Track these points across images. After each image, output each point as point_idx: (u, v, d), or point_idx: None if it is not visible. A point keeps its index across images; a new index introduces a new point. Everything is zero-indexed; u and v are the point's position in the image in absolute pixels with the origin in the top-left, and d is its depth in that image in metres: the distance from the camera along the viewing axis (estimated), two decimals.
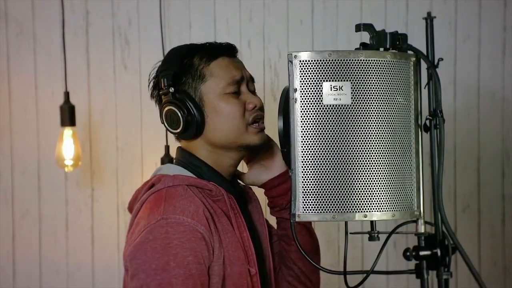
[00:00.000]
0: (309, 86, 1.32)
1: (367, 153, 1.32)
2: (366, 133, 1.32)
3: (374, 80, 1.32)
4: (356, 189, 1.31)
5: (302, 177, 1.33)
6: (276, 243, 1.74)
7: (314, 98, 1.32)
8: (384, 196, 1.32)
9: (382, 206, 1.32)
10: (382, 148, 1.33)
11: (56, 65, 2.69)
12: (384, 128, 1.33)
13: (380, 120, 1.32)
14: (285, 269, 1.73)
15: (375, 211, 1.32)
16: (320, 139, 1.32)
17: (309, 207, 1.32)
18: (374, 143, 1.32)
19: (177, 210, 1.46)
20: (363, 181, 1.31)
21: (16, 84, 2.73)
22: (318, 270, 1.75)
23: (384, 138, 1.33)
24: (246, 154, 1.63)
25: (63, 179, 2.73)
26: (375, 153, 1.32)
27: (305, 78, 1.32)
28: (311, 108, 1.32)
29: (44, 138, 2.71)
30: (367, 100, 1.32)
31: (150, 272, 1.41)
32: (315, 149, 1.32)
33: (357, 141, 1.32)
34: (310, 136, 1.32)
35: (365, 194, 1.31)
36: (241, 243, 1.53)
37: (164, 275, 1.40)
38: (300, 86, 1.32)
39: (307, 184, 1.32)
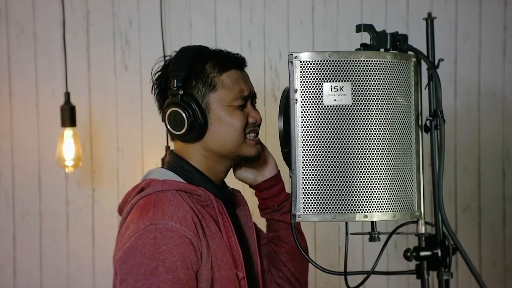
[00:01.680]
0: (310, 86, 1.32)
1: (367, 152, 1.32)
2: (367, 132, 1.32)
3: (375, 81, 1.32)
4: (357, 188, 1.31)
5: (303, 177, 1.32)
6: (266, 245, 1.76)
7: (314, 99, 1.32)
8: (385, 196, 1.32)
9: (383, 206, 1.32)
10: (383, 147, 1.33)
11: (56, 66, 2.69)
12: (385, 128, 1.33)
13: (381, 120, 1.32)
14: (274, 271, 1.75)
15: (375, 211, 1.32)
16: (321, 139, 1.32)
17: (309, 208, 1.32)
18: (375, 142, 1.32)
19: (166, 216, 1.47)
20: (364, 180, 1.31)
21: (17, 85, 2.73)
22: (307, 272, 1.77)
23: (385, 137, 1.33)
24: (239, 162, 1.65)
25: (64, 180, 2.73)
26: (375, 152, 1.32)
27: (305, 79, 1.32)
28: (312, 109, 1.32)
29: (45, 139, 2.71)
30: (367, 101, 1.32)
31: (139, 277, 1.43)
32: (315, 149, 1.32)
33: (357, 140, 1.32)
34: (311, 136, 1.32)
35: (365, 193, 1.31)
36: (229, 248, 1.55)
37: (152, 280, 1.42)
38: (301, 87, 1.32)
39: (307, 184, 1.32)
